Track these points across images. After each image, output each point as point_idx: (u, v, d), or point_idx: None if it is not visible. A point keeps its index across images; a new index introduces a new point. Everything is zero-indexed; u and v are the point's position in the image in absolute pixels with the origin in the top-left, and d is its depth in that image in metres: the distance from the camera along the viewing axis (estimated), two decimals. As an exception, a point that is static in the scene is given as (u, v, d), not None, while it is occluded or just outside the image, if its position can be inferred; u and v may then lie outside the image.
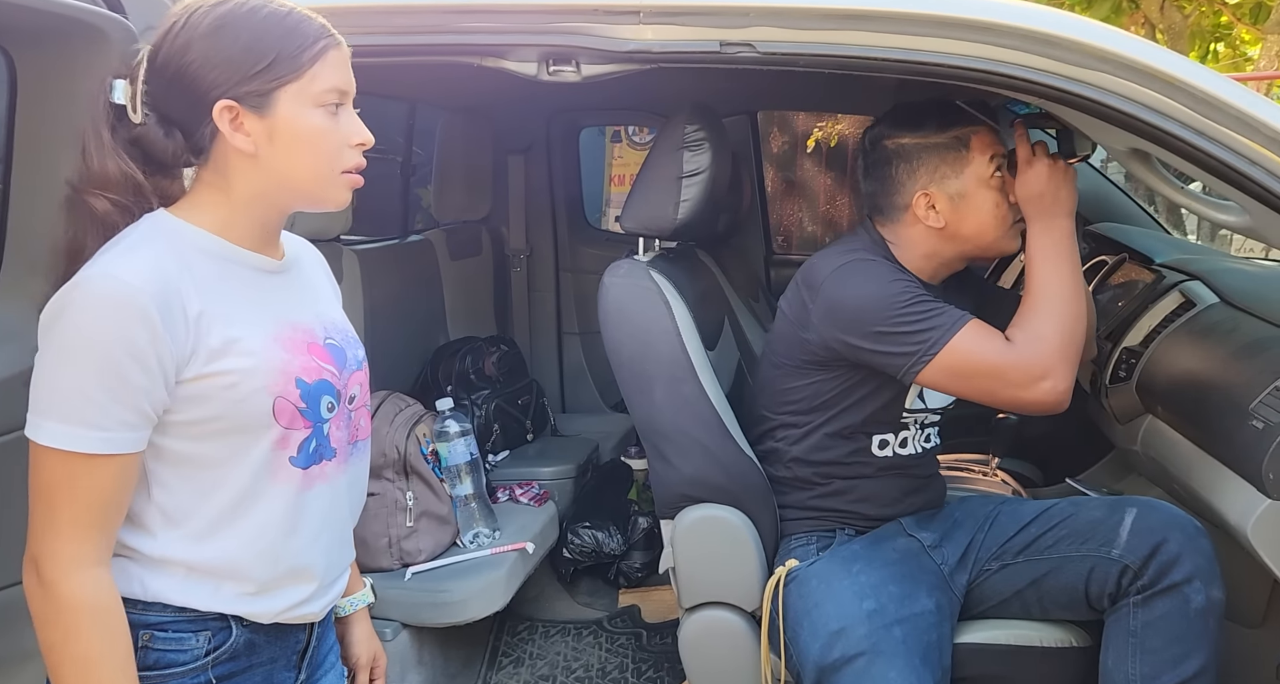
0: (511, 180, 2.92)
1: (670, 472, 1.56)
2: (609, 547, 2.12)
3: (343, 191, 0.99)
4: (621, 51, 1.38)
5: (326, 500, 1.01)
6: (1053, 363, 1.29)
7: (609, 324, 1.56)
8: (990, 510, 1.54)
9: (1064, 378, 1.30)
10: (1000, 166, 1.43)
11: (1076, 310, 1.33)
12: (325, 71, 0.94)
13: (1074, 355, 1.31)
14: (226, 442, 0.92)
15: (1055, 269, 1.35)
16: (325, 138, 0.94)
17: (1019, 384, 1.31)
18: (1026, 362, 1.30)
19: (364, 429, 1.10)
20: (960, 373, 1.33)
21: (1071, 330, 1.32)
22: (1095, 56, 1.26)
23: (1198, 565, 1.30)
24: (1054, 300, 1.33)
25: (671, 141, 1.61)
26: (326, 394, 0.98)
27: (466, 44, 1.43)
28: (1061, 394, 1.30)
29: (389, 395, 1.83)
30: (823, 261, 1.44)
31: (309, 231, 1.83)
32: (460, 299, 2.61)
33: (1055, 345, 1.30)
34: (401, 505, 1.71)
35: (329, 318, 1.07)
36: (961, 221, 1.43)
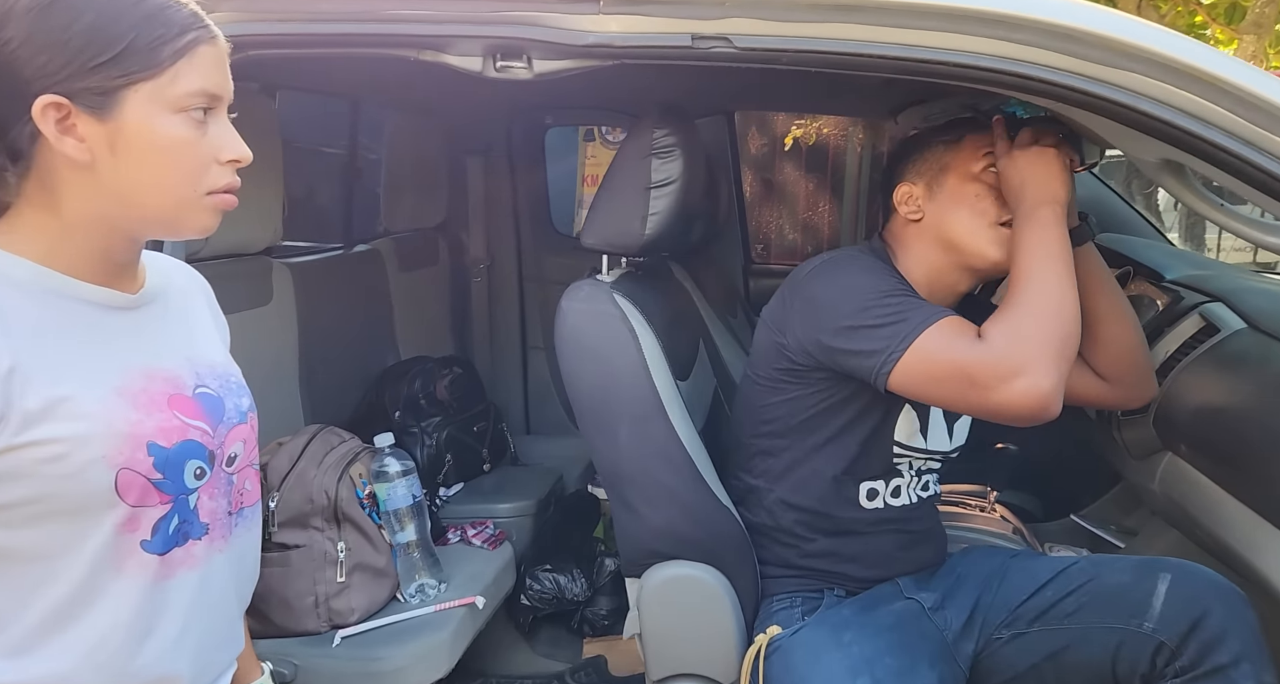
0: (470, 184, 2.71)
1: (636, 523, 1.37)
2: (572, 592, 1.92)
3: (207, 216, 0.81)
4: (579, 45, 1.21)
5: (194, 589, 0.83)
6: (1027, 358, 1.09)
7: (566, 355, 1.38)
8: (998, 566, 1.37)
9: (1043, 375, 1.08)
10: (993, 165, 1.29)
11: (1060, 304, 1.14)
12: (191, 71, 0.76)
13: (1057, 352, 1.11)
14: (53, 528, 0.74)
15: (1038, 260, 1.17)
16: (185, 152, 0.77)
17: (987, 384, 1.10)
18: (995, 357, 1.11)
19: (251, 493, 0.92)
20: (929, 374, 1.15)
21: (1053, 325, 1.12)
22: (1124, 54, 1.09)
23: (1246, 645, 1.13)
24: (1034, 293, 1.15)
25: (638, 148, 1.42)
26: (194, 458, 0.81)
27: (400, 35, 1.25)
28: (1043, 394, 1.08)
29: (320, 431, 1.62)
30: (810, 263, 1.33)
31: (227, 246, 1.63)
32: (412, 315, 2.40)
33: (1033, 340, 1.10)
34: (331, 558, 1.51)
35: (205, 361, 0.88)
36: (941, 215, 1.30)
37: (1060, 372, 1.10)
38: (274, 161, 1.69)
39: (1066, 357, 1.12)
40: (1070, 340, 1.14)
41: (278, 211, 1.70)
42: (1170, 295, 1.73)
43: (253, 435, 0.93)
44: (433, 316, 2.59)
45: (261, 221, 1.66)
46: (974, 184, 1.29)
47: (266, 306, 1.73)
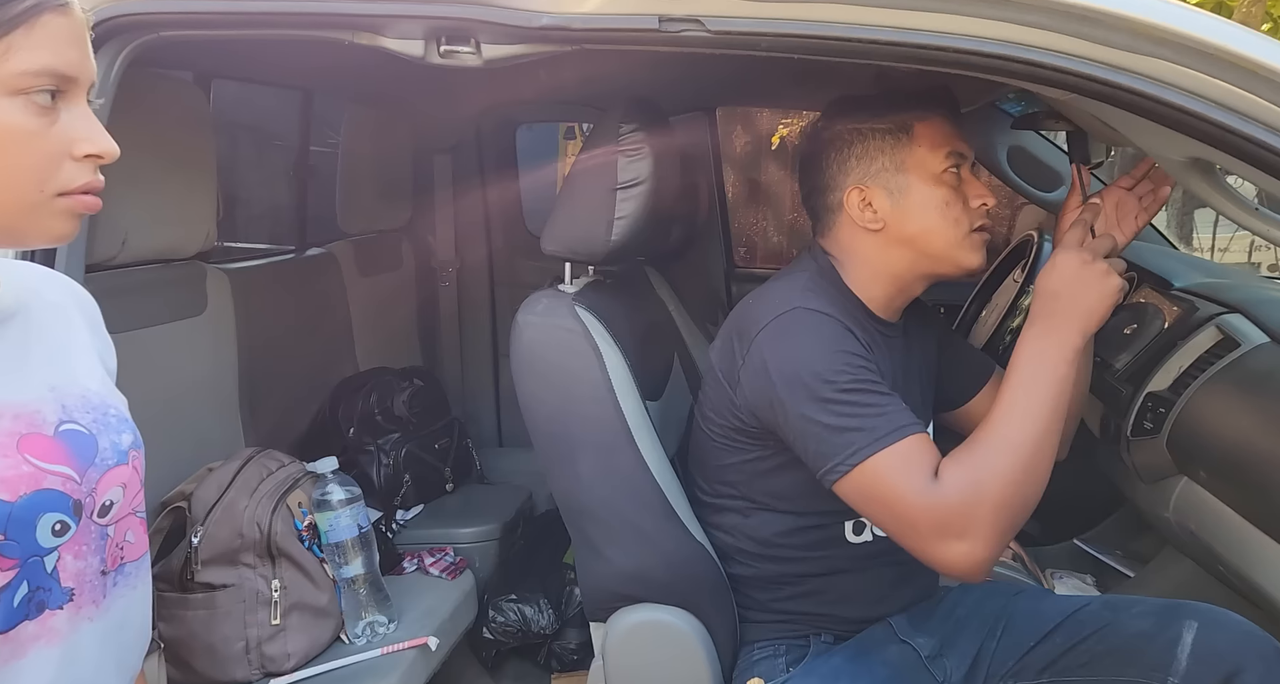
0: (438, 183, 2.56)
1: (599, 564, 1.23)
2: (539, 624, 1.78)
3: (59, 222, 0.67)
4: (533, 28, 1.07)
5: (55, 669, 0.68)
6: (977, 522, 0.95)
7: (522, 376, 1.23)
8: (1001, 607, 1.23)
9: (986, 545, 0.96)
10: (957, 165, 1.15)
11: (1036, 463, 0.99)
12: (33, 45, 0.63)
13: (1010, 523, 0.97)
14: None
15: (1036, 389, 1.01)
16: (27, 144, 0.63)
17: (926, 536, 0.98)
18: (944, 511, 0.96)
19: (135, 546, 0.77)
20: (872, 496, 1.01)
21: (1019, 491, 0.97)
22: (1149, 37, 0.96)
23: None
24: (1014, 442, 0.98)
25: (603, 146, 1.28)
26: (50, 512, 0.67)
27: (330, 14, 1.10)
28: (977, 563, 0.96)
29: (256, 455, 1.47)
30: (760, 306, 1.13)
31: (151, 251, 1.48)
32: (373, 322, 2.25)
33: (990, 500, 0.96)
34: (264, 598, 1.36)
35: (76, 391, 0.74)
36: (904, 221, 1.15)
37: (1004, 541, 0.98)
38: (205, 157, 1.54)
39: (1017, 526, 1.00)
40: (1029, 507, 0.99)
41: (210, 212, 1.55)
42: (1182, 305, 1.61)
43: (136, 478, 0.78)
44: (397, 324, 2.44)
45: (191, 223, 1.51)
46: (940, 188, 1.14)
47: (199, 317, 1.58)
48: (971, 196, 1.16)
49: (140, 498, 0.79)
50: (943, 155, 1.14)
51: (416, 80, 1.94)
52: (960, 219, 1.14)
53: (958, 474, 0.97)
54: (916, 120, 1.15)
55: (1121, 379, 1.61)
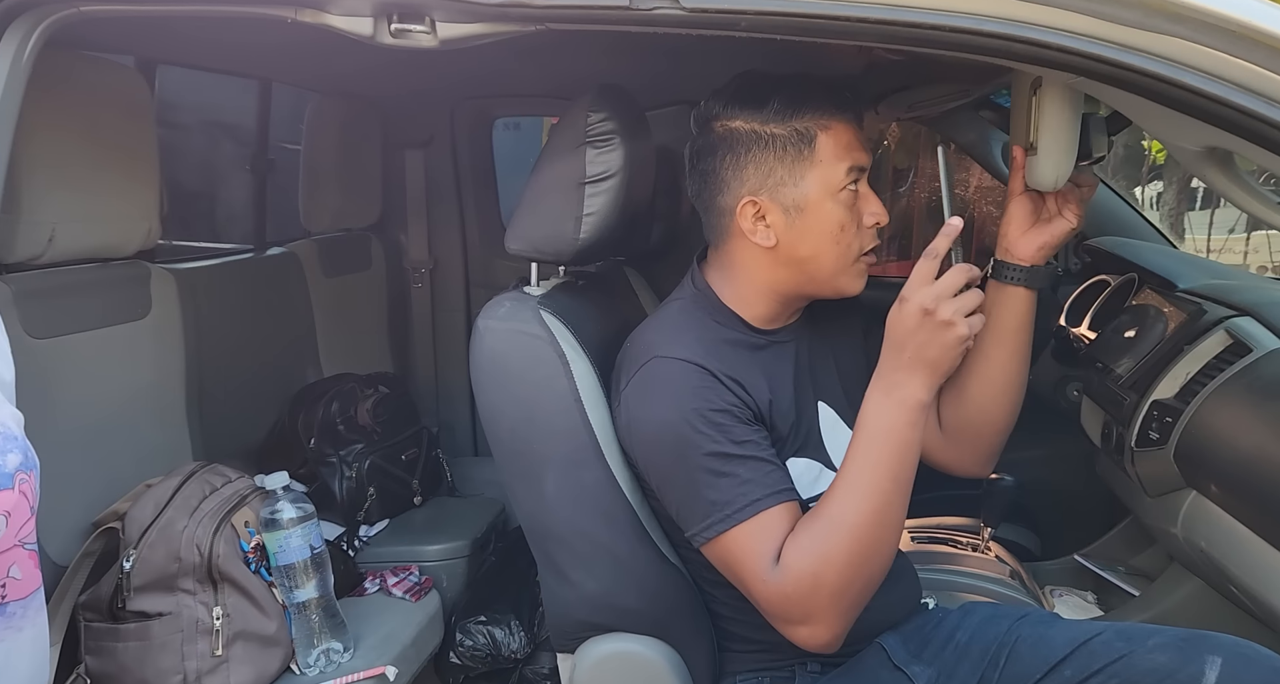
0: (409, 179, 2.45)
1: (566, 589, 1.14)
2: (509, 648, 1.68)
3: None
4: (491, 4, 0.99)
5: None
6: (816, 609, 0.94)
7: (483, 385, 1.14)
8: (1005, 634, 1.13)
9: (828, 628, 0.95)
10: (856, 179, 1.06)
11: (879, 530, 0.95)
12: None
13: (851, 600, 0.95)
14: None
15: (879, 458, 0.95)
16: None
17: (773, 617, 0.98)
18: (783, 599, 0.95)
19: (21, 583, 0.68)
20: (728, 569, 1.01)
21: (859, 565, 0.94)
22: (1164, 13, 0.88)
23: None
24: (856, 520, 0.94)
25: (570, 136, 1.18)
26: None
27: (266, -12, 1.00)
28: (823, 644, 0.96)
29: (200, 470, 1.37)
30: (629, 352, 1.10)
31: (85, 249, 1.37)
32: (339, 326, 2.14)
33: (827, 588, 0.94)
34: (205, 627, 1.25)
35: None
36: (797, 242, 1.06)
37: (848, 620, 0.97)
38: (146, 148, 1.43)
39: (862, 601, 0.98)
40: (875, 580, 0.97)
41: (153, 207, 1.44)
42: (1187, 308, 1.52)
43: (24, 504, 0.69)
44: (365, 328, 2.33)
45: (130, 219, 1.40)
46: (838, 208, 1.05)
47: (142, 320, 1.47)
48: (866, 214, 1.08)
49: (30, 527, 0.70)
50: (844, 170, 1.05)
51: (383, 68, 1.84)
52: (851, 244, 1.07)
53: (796, 561, 0.95)
54: (820, 129, 1.05)
55: (1125, 386, 1.52)
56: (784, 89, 1.06)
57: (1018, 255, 1.12)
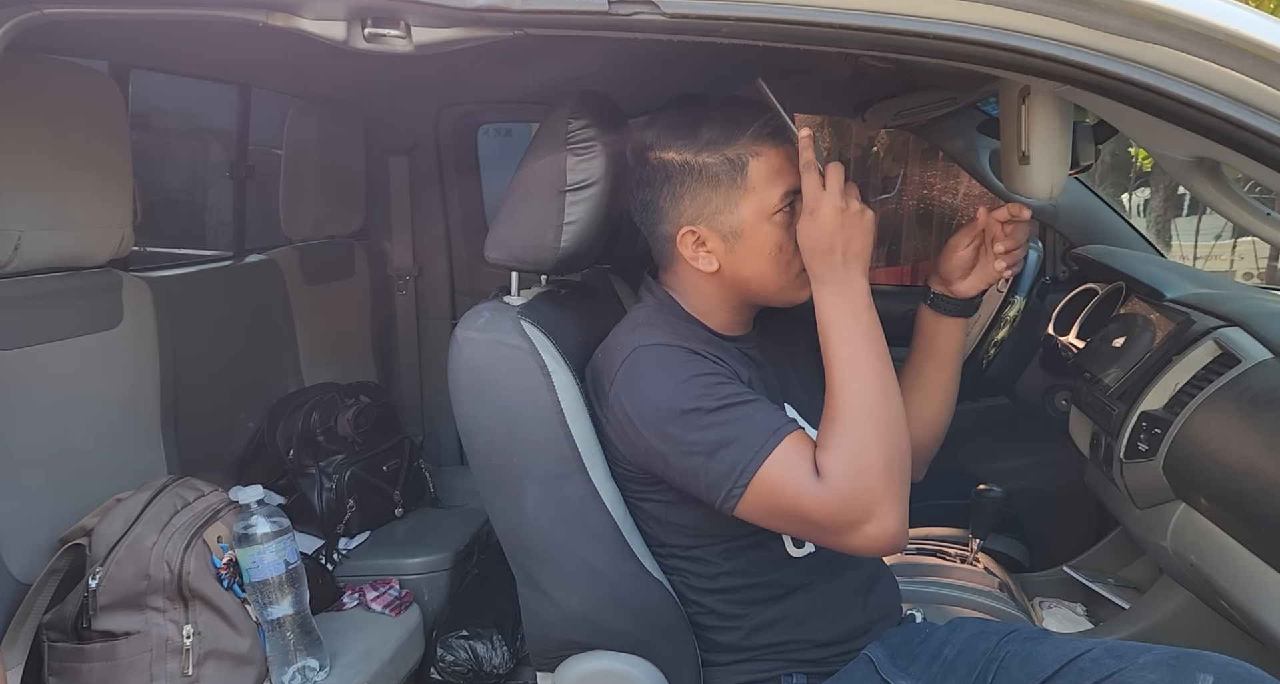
0: (394, 186, 2.42)
1: (547, 607, 1.11)
2: (491, 663, 1.65)
3: None
4: (467, 9, 0.97)
5: None
6: (874, 499, 0.94)
7: (461, 398, 1.11)
8: (993, 650, 1.12)
9: (891, 515, 0.94)
10: (792, 201, 1.07)
11: (894, 409, 0.99)
12: None
13: (900, 478, 0.96)
14: None
15: (856, 348, 1.00)
16: None
17: (836, 531, 0.96)
18: (840, 503, 0.94)
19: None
20: (774, 510, 0.98)
21: (893, 442, 0.97)
22: (1151, 22, 0.87)
23: None
24: (867, 403, 0.97)
25: (551, 143, 1.15)
26: None
27: (237, -9, 0.97)
28: (893, 536, 0.95)
29: (172, 484, 1.33)
30: (605, 359, 1.10)
31: (55, 257, 1.33)
32: (321, 334, 2.11)
33: (875, 474, 0.95)
34: (175, 646, 1.22)
35: None
36: (739, 266, 1.09)
37: (904, 499, 0.96)
38: (119, 155, 1.40)
39: (908, 477, 0.98)
40: (908, 455, 0.99)
41: (125, 215, 1.41)
42: (1175, 318, 1.51)
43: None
44: (348, 337, 2.29)
45: (102, 226, 1.37)
46: (775, 230, 1.07)
47: (114, 330, 1.43)
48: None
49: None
50: (778, 195, 1.06)
51: (364, 74, 1.81)
52: (792, 262, 1.09)
53: (836, 463, 0.95)
54: (751, 156, 1.05)
55: (1113, 397, 1.51)
56: (714, 116, 1.07)
57: (957, 292, 1.17)
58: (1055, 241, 2.20)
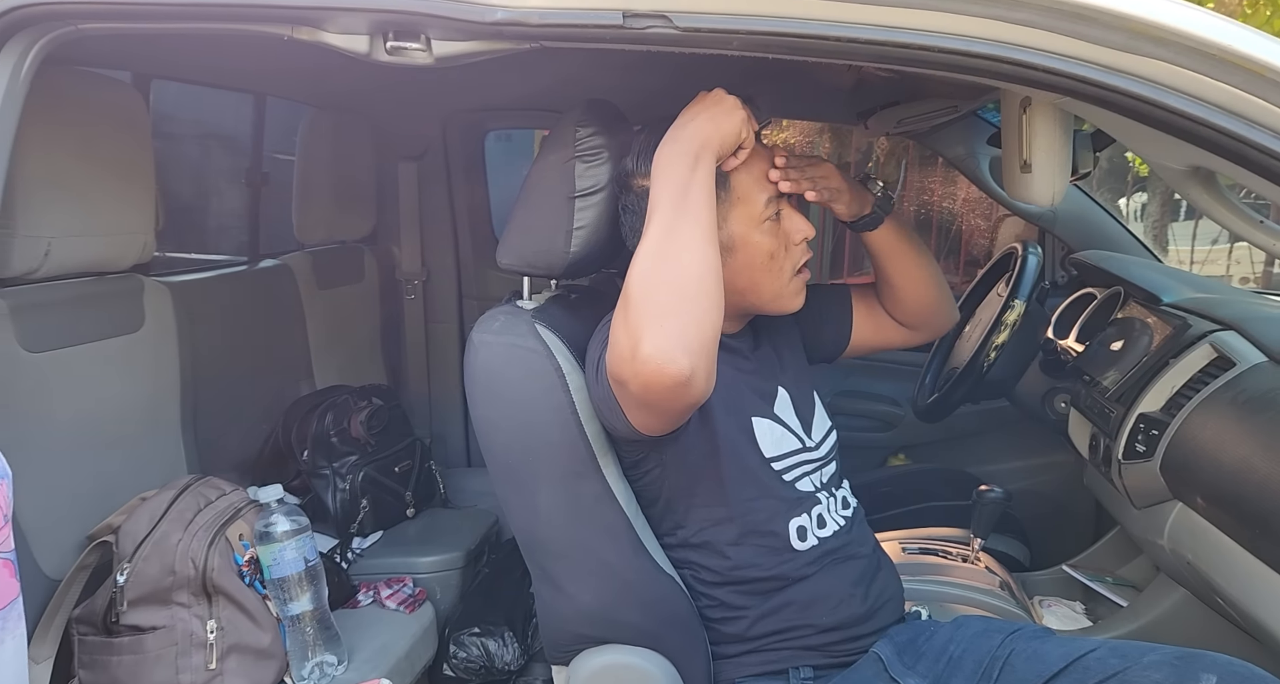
0: (402, 192, 2.46)
1: (562, 602, 1.14)
2: (503, 660, 1.68)
3: None
4: (486, 23, 1.00)
5: None
6: (635, 323, 0.93)
7: (478, 399, 1.14)
8: (998, 649, 1.15)
9: (653, 336, 0.92)
10: (779, 208, 1.14)
11: (672, 249, 0.97)
12: None
13: (667, 304, 0.94)
14: None
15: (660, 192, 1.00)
16: None
17: (621, 372, 0.96)
18: (615, 339, 0.97)
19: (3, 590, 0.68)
20: (620, 395, 1.02)
21: (658, 272, 0.95)
22: (1148, 37, 0.90)
23: None
24: (647, 236, 0.98)
25: (559, 151, 1.19)
26: None
27: (263, 6, 1.01)
28: (664, 359, 0.91)
29: (195, 484, 1.37)
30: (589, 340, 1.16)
31: (79, 263, 1.37)
32: (332, 338, 2.15)
33: (635, 298, 0.95)
34: (199, 640, 1.25)
35: None
36: (734, 278, 1.13)
37: (676, 330, 0.93)
38: (143, 163, 1.44)
39: (685, 311, 0.94)
40: (688, 290, 0.95)
41: (148, 222, 1.45)
42: (1172, 322, 1.55)
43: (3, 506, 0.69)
44: (359, 340, 2.33)
45: (126, 233, 1.41)
46: (764, 238, 1.12)
47: (136, 333, 1.47)
48: (793, 232, 1.15)
49: (6, 534, 0.70)
50: (764, 201, 1.12)
51: (377, 83, 1.85)
52: (784, 267, 1.14)
53: (615, 322, 0.98)
54: (731, 171, 1.11)
55: (1111, 399, 1.54)
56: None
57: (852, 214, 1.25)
58: (1055, 247, 2.23)
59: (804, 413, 1.25)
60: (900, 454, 2.46)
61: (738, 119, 1.05)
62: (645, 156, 1.12)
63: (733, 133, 1.05)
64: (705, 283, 0.96)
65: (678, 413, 1.02)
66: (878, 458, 2.45)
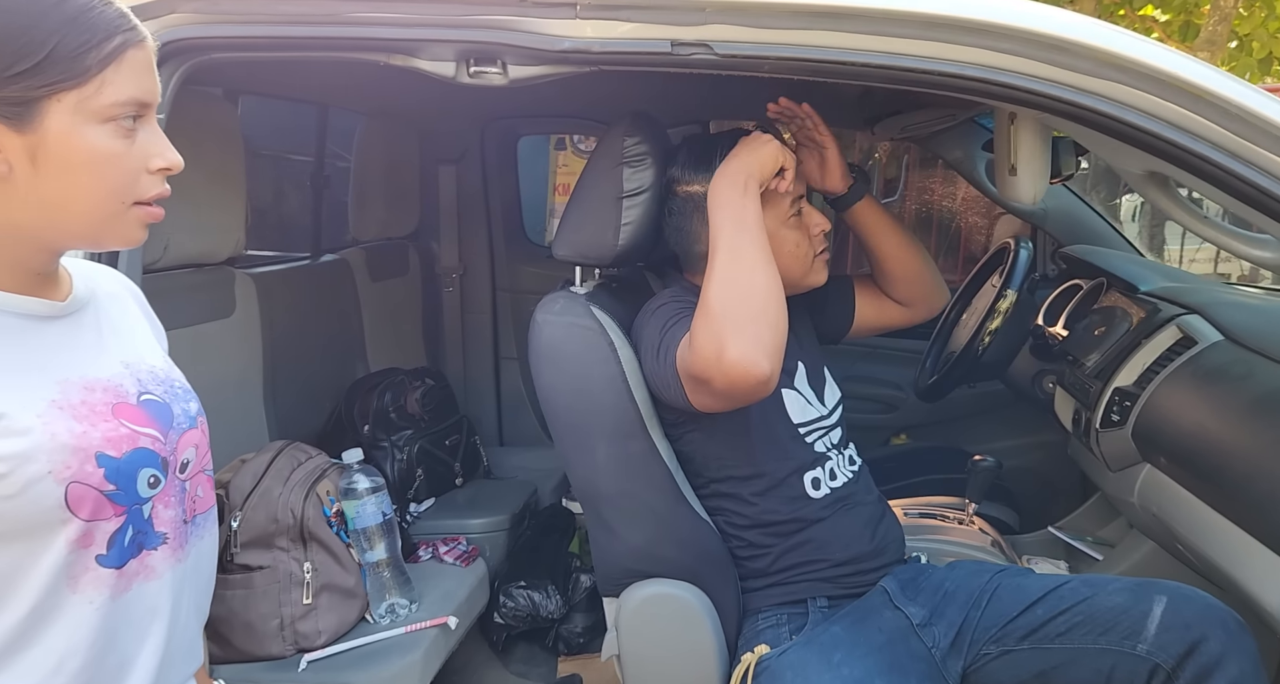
0: (442, 192, 2.66)
1: (614, 542, 1.34)
2: (546, 609, 1.88)
3: (133, 229, 0.76)
4: (555, 51, 1.18)
5: (151, 601, 0.79)
6: (718, 332, 1.12)
7: (542, 370, 1.34)
8: (986, 583, 1.34)
9: (738, 343, 1.10)
10: (800, 208, 1.37)
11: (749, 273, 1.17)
12: (120, 78, 0.71)
13: (745, 315, 1.13)
14: (3, 552, 0.70)
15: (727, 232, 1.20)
16: (113, 163, 0.72)
17: (706, 373, 1.13)
18: (699, 345, 1.14)
19: (204, 499, 0.87)
20: (693, 386, 1.19)
21: (732, 288, 1.15)
22: (1109, 64, 1.09)
23: (1244, 670, 1.11)
24: (722, 266, 1.17)
25: (609, 157, 1.38)
26: (146, 467, 0.77)
27: (369, 38, 1.21)
28: (749, 363, 1.10)
29: (286, 447, 1.56)
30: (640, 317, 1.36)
31: (188, 256, 1.57)
32: (383, 325, 2.35)
33: (716, 311, 1.13)
34: (297, 579, 1.45)
35: (144, 367, 0.84)
36: None
37: (756, 333, 1.12)
38: (236, 169, 1.64)
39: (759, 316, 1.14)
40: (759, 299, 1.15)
41: (240, 220, 1.65)
42: (1146, 307, 1.73)
43: (204, 440, 0.89)
44: (404, 327, 2.53)
45: (224, 230, 1.61)
46: (789, 232, 1.35)
47: (229, 318, 1.67)
48: (812, 226, 1.38)
49: (208, 458, 0.89)
50: (787, 203, 1.34)
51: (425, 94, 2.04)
52: (806, 254, 1.37)
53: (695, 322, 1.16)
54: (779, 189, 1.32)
55: (1091, 376, 1.73)
56: (724, 147, 1.32)
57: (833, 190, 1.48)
58: (1045, 242, 2.42)
59: (816, 385, 1.45)
60: (902, 434, 2.65)
61: (772, 148, 1.27)
62: (687, 166, 1.35)
63: (770, 160, 1.26)
64: (772, 295, 1.17)
65: (747, 403, 1.20)
66: (882, 437, 2.64)
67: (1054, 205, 2.35)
